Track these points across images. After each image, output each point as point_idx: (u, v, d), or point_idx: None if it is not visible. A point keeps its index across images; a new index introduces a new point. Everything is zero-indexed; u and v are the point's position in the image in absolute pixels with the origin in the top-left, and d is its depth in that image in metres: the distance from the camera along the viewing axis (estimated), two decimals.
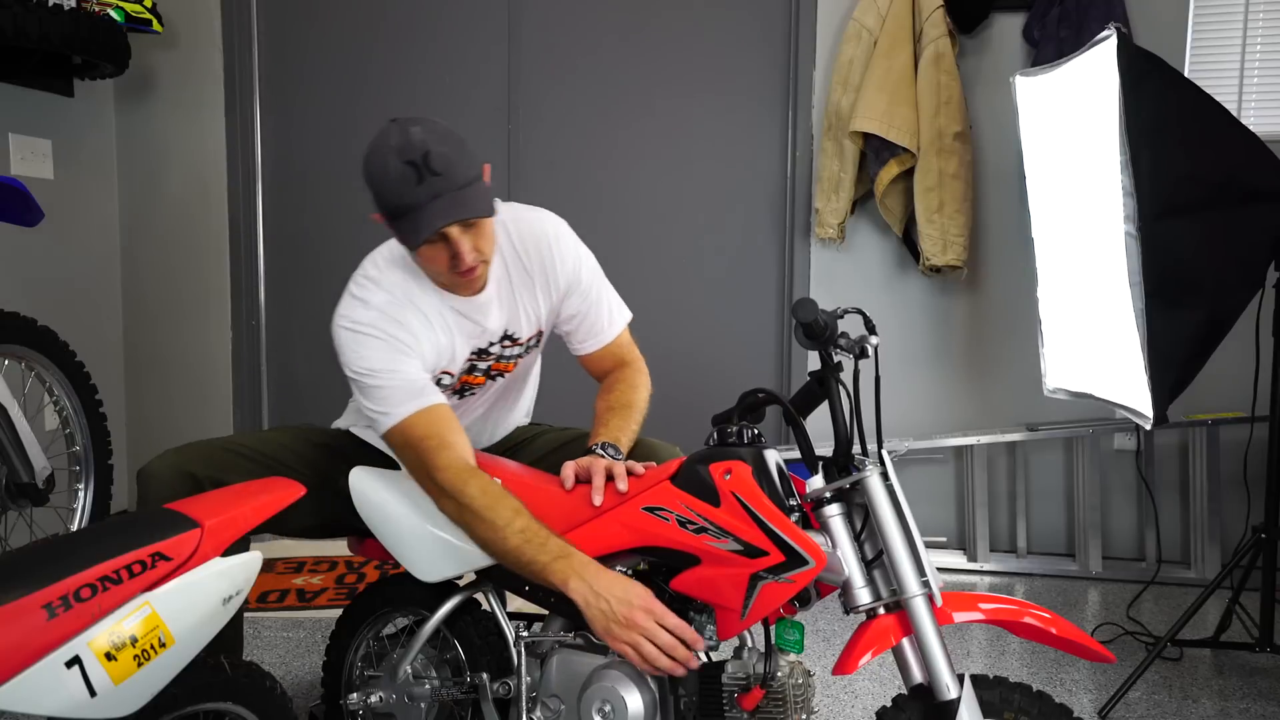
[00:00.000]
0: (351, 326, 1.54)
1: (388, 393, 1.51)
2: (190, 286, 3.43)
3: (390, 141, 1.44)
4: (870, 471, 1.36)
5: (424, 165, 1.42)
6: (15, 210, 2.09)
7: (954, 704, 1.29)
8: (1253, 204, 2.06)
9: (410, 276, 1.59)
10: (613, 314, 1.78)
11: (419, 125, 1.45)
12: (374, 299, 1.56)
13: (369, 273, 1.60)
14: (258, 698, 1.39)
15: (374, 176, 1.46)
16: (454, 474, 1.47)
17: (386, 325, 1.54)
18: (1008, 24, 3.09)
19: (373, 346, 1.53)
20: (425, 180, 1.42)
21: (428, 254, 1.50)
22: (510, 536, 1.41)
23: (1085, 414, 3.08)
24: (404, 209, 1.44)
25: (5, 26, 2.55)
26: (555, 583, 1.39)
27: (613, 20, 3.29)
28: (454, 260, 1.49)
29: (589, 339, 1.77)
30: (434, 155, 1.42)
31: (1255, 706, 2.19)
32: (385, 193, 1.45)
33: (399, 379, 1.51)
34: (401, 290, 1.58)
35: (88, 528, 1.63)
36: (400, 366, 1.52)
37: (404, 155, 1.42)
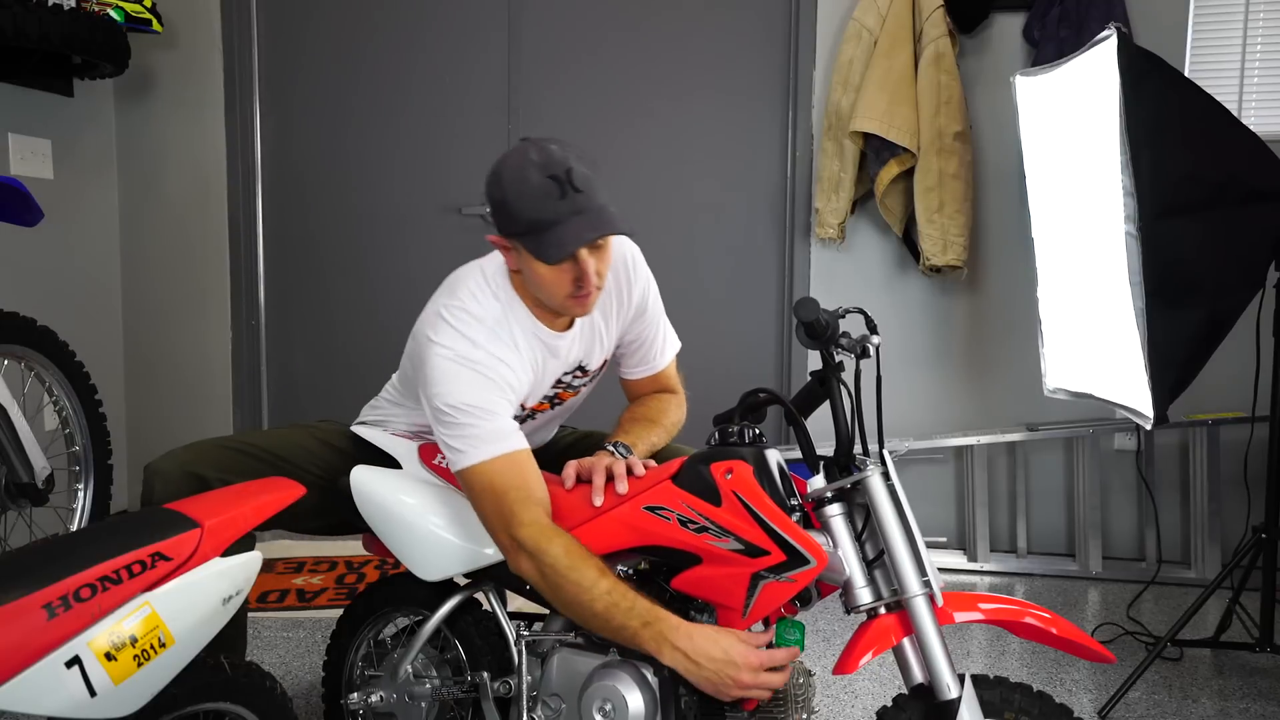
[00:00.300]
0: (453, 358, 1.46)
1: (475, 431, 1.44)
2: (190, 286, 3.43)
3: (530, 156, 1.41)
4: (871, 471, 1.36)
5: (567, 180, 1.39)
6: (15, 210, 2.09)
7: (955, 704, 1.29)
8: (1253, 204, 2.06)
9: (505, 307, 1.53)
10: (666, 341, 1.77)
11: (556, 144, 1.42)
12: (476, 333, 1.49)
13: (466, 304, 1.51)
14: (258, 698, 1.39)
15: (511, 190, 1.41)
16: (538, 531, 1.40)
17: (489, 362, 1.48)
18: (1008, 24, 3.09)
19: (471, 382, 1.45)
20: (568, 196, 1.39)
21: (551, 275, 1.44)
22: (597, 600, 1.35)
23: (1085, 414, 3.08)
24: (544, 224, 1.39)
25: (5, 26, 2.54)
26: (647, 650, 1.34)
27: (613, 20, 3.29)
28: (578, 282, 1.45)
29: (640, 365, 1.76)
30: (576, 172, 1.40)
31: (1255, 706, 2.19)
32: (524, 207, 1.40)
33: (490, 420, 1.45)
34: (501, 323, 1.52)
35: (88, 528, 1.63)
36: (494, 407, 1.46)
37: (546, 170, 1.39)
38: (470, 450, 1.44)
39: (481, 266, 1.58)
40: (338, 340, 3.46)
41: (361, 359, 3.45)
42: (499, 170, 1.44)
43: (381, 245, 3.42)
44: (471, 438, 1.44)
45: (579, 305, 1.50)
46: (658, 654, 1.33)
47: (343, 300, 3.45)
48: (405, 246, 3.41)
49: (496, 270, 1.57)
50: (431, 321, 1.51)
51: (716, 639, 1.32)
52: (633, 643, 1.35)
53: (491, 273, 1.56)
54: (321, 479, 1.66)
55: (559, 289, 1.47)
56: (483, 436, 1.44)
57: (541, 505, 1.43)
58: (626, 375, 1.79)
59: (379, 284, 3.43)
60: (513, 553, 1.43)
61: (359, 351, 3.45)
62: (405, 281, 3.41)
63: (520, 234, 1.43)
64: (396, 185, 3.40)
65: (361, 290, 3.44)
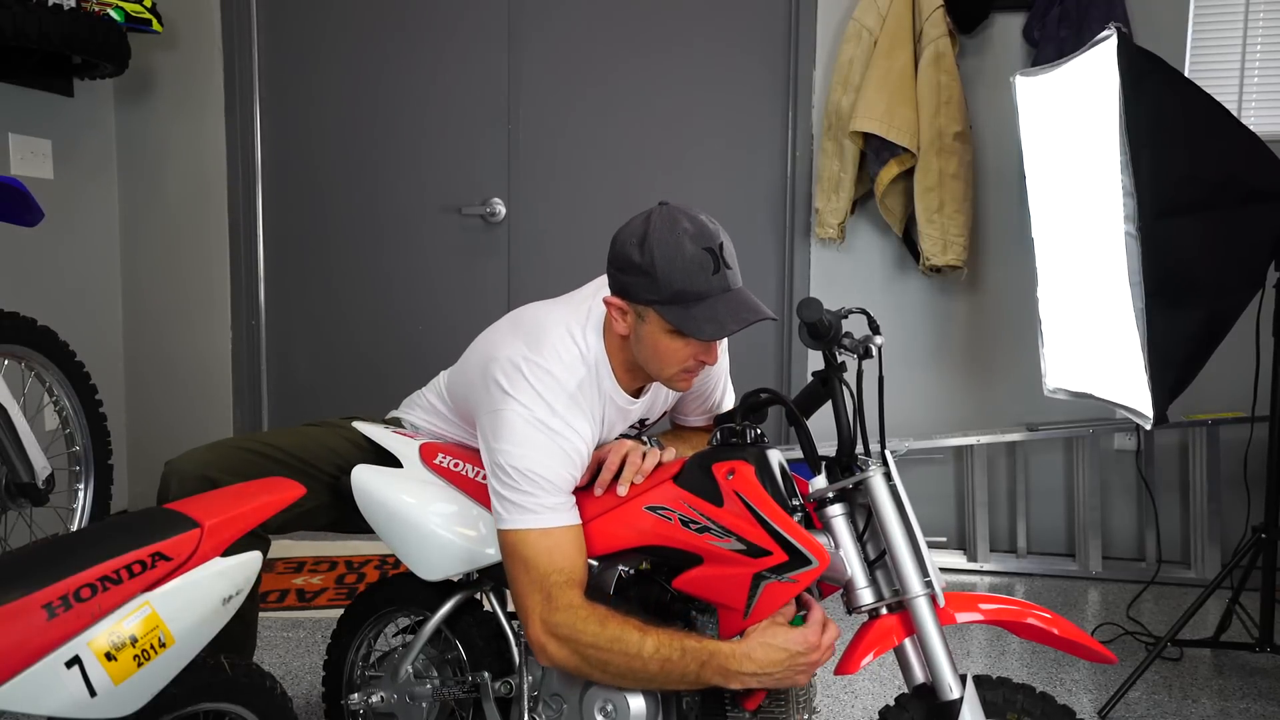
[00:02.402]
0: (530, 421, 1.41)
1: (533, 501, 1.40)
2: (190, 286, 3.43)
3: (683, 225, 1.38)
4: (873, 471, 1.36)
5: (720, 255, 1.37)
6: (15, 210, 2.09)
7: (956, 704, 1.29)
8: (1253, 204, 2.06)
9: (591, 373, 1.49)
10: (727, 392, 1.76)
11: (701, 214, 1.40)
12: (557, 400, 1.43)
13: (551, 365, 1.46)
14: (258, 698, 1.39)
15: (660, 259, 1.36)
16: (573, 615, 1.35)
17: (566, 433, 1.43)
18: (1008, 24, 3.09)
19: (543, 449, 1.41)
20: (720, 270, 1.37)
21: (675, 349, 1.41)
22: (650, 662, 1.32)
23: (1085, 414, 3.08)
24: (693, 296, 1.36)
25: (5, 26, 2.54)
26: (715, 684, 1.32)
27: (613, 20, 3.29)
28: (698, 360, 1.44)
29: (699, 414, 1.75)
30: (727, 248, 1.39)
31: (1255, 706, 2.19)
32: (674, 275, 1.36)
33: (552, 494, 1.41)
34: (583, 391, 1.47)
35: (88, 528, 1.62)
36: (559, 481, 1.41)
37: (701, 241, 1.37)
38: (522, 517, 1.40)
39: (570, 320, 1.52)
40: (338, 340, 3.46)
41: (361, 359, 3.45)
42: (643, 232, 1.39)
43: (381, 245, 3.42)
44: (528, 505, 1.40)
45: (685, 381, 1.49)
46: (727, 684, 1.32)
47: (343, 300, 3.45)
48: (405, 246, 3.40)
49: (586, 328, 1.51)
50: (509, 373, 1.44)
51: (771, 643, 1.31)
52: (697, 685, 1.34)
53: (581, 331, 1.50)
54: (340, 479, 1.65)
55: (675, 364, 1.44)
56: (540, 506, 1.40)
57: (580, 586, 1.39)
58: (685, 422, 1.77)
59: (379, 284, 3.43)
60: (544, 639, 1.37)
61: (359, 351, 3.45)
62: (405, 281, 3.41)
63: (661, 302, 1.38)
64: (396, 185, 3.40)
65: (361, 290, 3.44)
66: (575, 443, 1.44)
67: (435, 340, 3.40)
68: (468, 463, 1.61)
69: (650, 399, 1.62)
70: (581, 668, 1.37)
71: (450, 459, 1.62)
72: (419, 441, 1.68)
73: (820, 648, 1.33)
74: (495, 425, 1.44)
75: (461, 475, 1.60)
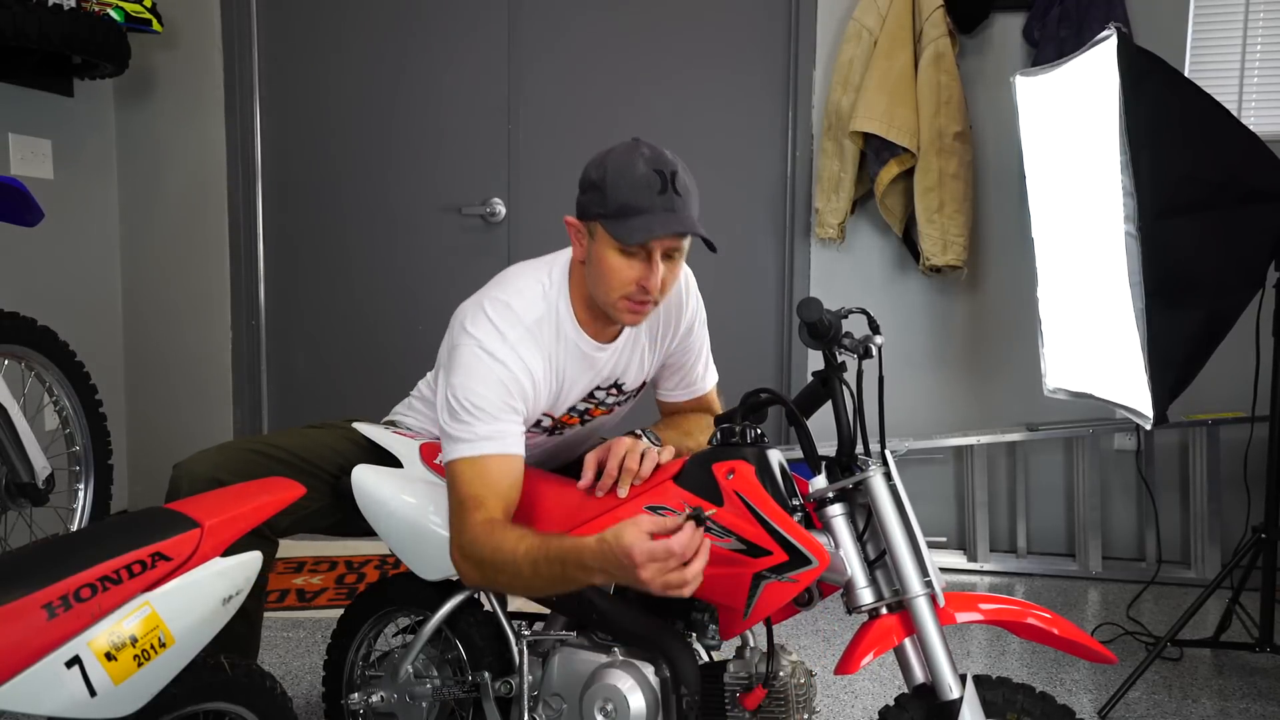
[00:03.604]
0: (479, 351, 1.46)
1: (466, 428, 1.44)
2: (190, 286, 3.43)
3: (641, 150, 1.43)
4: (873, 471, 1.36)
5: (670, 180, 1.41)
6: (15, 210, 2.09)
7: (956, 704, 1.29)
8: (1253, 204, 2.06)
9: (551, 309, 1.53)
10: (708, 368, 1.77)
11: (668, 151, 1.45)
12: (511, 333, 1.48)
13: (511, 299, 1.51)
14: (258, 698, 1.39)
15: (612, 173, 1.42)
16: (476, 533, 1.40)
17: (514, 364, 1.46)
18: (1008, 24, 3.09)
19: (486, 381, 1.45)
20: (666, 192, 1.41)
21: (618, 267, 1.44)
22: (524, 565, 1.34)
23: (1085, 414, 3.08)
24: (634, 209, 1.40)
25: (5, 26, 2.54)
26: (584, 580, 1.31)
27: (613, 20, 3.29)
28: (642, 285, 1.45)
29: (678, 389, 1.75)
30: (680, 177, 1.43)
31: (1255, 706, 2.19)
32: (619, 189, 1.41)
33: (485, 420, 1.44)
34: (541, 325, 1.51)
35: (88, 528, 1.63)
36: (493, 408, 1.45)
37: (654, 165, 1.42)
38: (456, 448, 1.45)
39: (537, 266, 1.58)
40: (338, 340, 3.46)
41: (361, 359, 3.45)
42: (604, 155, 1.45)
43: (381, 245, 3.42)
44: (463, 435, 1.44)
45: (632, 312, 1.49)
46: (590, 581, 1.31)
47: (343, 300, 3.45)
48: (405, 246, 3.40)
49: (553, 272, 1.56)
50: (472, 312, 1.51)
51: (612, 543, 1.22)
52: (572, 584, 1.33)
53: (547, 272, 1.56)
54: (343, 480, 1.65)
55: (619, 286, 1.46)
56: (474, 435, 1.44)
57: (498, 510, 1.41)
58: (667, 397, 1.77)
59: (379, 284, 3.43)
60: (458, 561, 1.44)
61: (359, 351, 3.45)
62: (405, 281, 3.41)
63: (606, 216, 1.43)
64: (396, 185, 3.40)
65: (361, 290, 3.44)
66: (519, 374, 1.47)
67: (435, 340, 3.36)
68: None
69: (625, 355, 1.62)
70: (484, 583, 1.45)
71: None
72: (419, 442, 1.69)
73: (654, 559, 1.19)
74: (450, 362, 1.49)
75: None
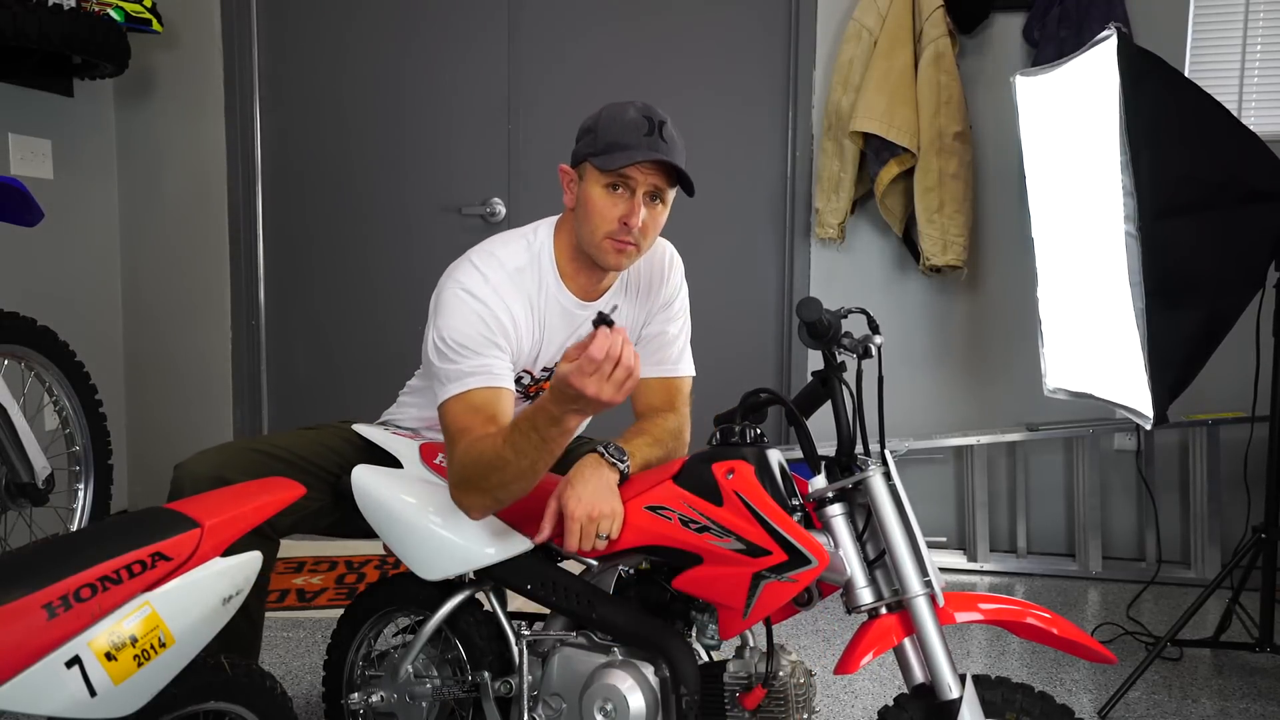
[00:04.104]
0: (461, 293, 1.51)
1: (452, 367, 1.48)
2: (190, 286, 3.43)
3: (636, 103, 1.52)
4: (873, 471, 1.36)
5: (658, 126, 1.49)
6: (15, 210, 2.09)
7: (956, 704, 1.29)
8: (1253, 204, 2.06)
9: (533, 260, 1.59)
10: (684, 354, 1.77)
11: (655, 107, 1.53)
12: (493, 276, 1.54)
13: (495, 249, 1.58)
14: (258, 698, 1.39)
15: (604, 117, 1.51)
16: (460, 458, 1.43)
17: (495, 307, 1.52)
18: (1008, 24, 3.09)
19: (470, 322, 1.50)
20: (653, 135, 1.48)
21: (603, 203, 1.50)
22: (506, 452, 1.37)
23: (1085, 414, 3.08)
24: (620, 146, 1.47)
25: (5, 26, 2.54)
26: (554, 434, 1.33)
27: (613, 20, 3.29)
28: (623, 222, 1.50)
29: (653, 364, 1.73)
30: (668, 127, 1.51)
31: (1255, 706, 2.19)
32: (609, 129, 1.49)
33: (468, 356, 1.48)
34: (523, 273, 1.57)
35: (88, 528, 1.63)
36: (474, 344, 1.49)
37: (645, 112, 1.50)
38: (449, 387, 1.48)
39: (524, 228, 1.64)
40: (338, 340, 3.46)
41: (361, 359, 3.45)
42: (601, 110, 1.53)
43: (381, 245, 3.42)
44: (450, 375, 1.48)
45: (616, 251, 1.53)
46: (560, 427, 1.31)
47: (343, 300, 3.45)
48: (405, 246, 3.40)
49: (538, 230, 1.63)
50: (457, 263, 1.56)
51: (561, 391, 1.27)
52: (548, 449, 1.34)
53: (531, 230, 1.63)
54: (342, 480, 1.66)
55: (604, 223, 1.51)
56: (460, 373, 1.48)
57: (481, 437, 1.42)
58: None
59: (379, 284, 3.43)
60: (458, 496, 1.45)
61: (359, 351, 3.45)
62: (405, 281, 3.41)
63: (595, 153, 1.49)
64: (396, 185, 3.40)
65: (361, 290, 3.44)
66: (499, 313, 1.51)
67: None
68: None
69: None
70: (487, 501, 1.43)
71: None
72: (419, 442, 1.69)
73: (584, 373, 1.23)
74: (434, 306, 1.53)
75: None
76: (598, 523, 1.40)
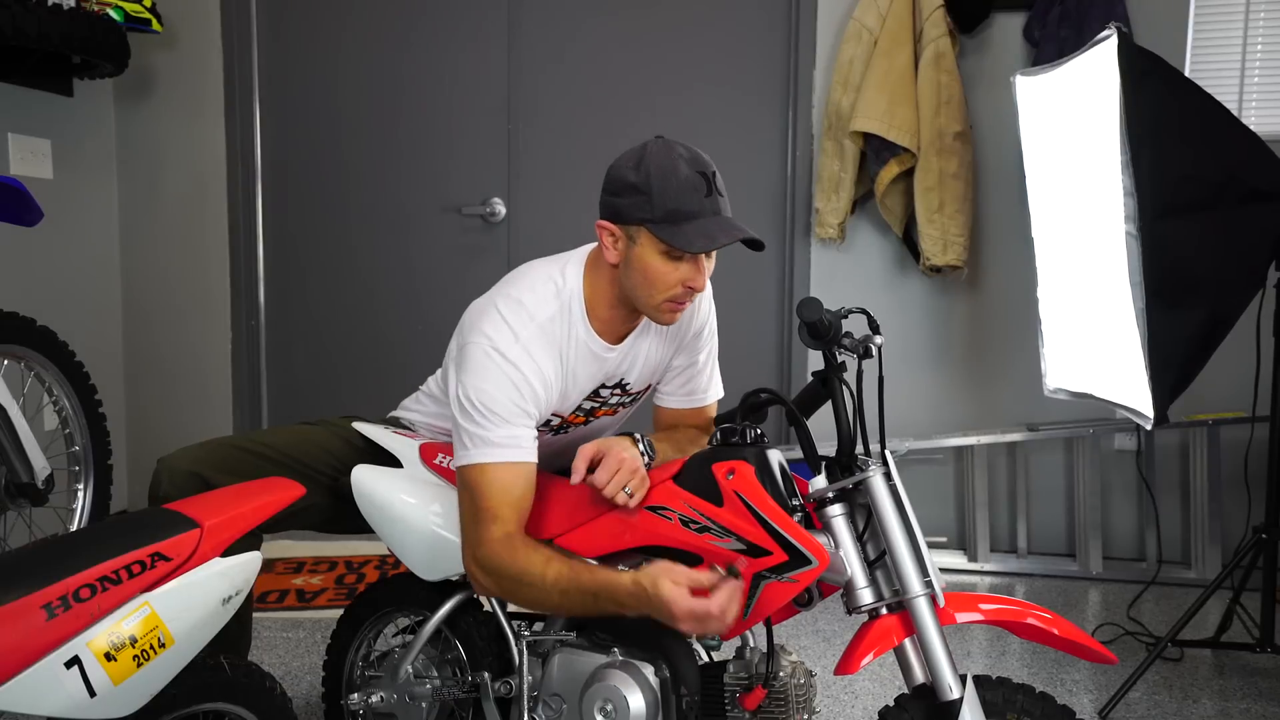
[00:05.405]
0: (491, 351, 1.45)
1: (480, 430, 1.43)
2: (190, 286, 3.42)
3: (677, 150, 1.44)
4: (873, 471, 1.36)
5: (712, 181, 1.44)
6: (15, 210, 2.09)
7: (956, 704, 1.29)
8: (1253, 204, 2.06)
9: (563, 309, 1.51)
10: (713, 381, 1.75)
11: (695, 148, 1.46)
12: (524, 332, 1.47)
13: (524, 297, 1.50)
14: (258, 698, 1.39)
15: (656, 176, 1.42)
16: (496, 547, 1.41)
17: (527, 370, 1.45)
18: (1008, 23, 3.09)
19: (499, 384, 1.44)
20: (711, 194, 1.43)
21: (664, 269, 1.44)
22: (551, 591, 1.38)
23: (1086, 414, 3.08)
24: (685, 215, 1.41)
25: (4, 26, 2.54)
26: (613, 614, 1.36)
27: (613, 20, 3.28)
28: (687, 285, 1.45)
29: (678, 394, 1.72)
30: (719, 178, 1.45)
31: (1256, 707, 2.19)
32: (667, 194, 1.41)
33: (497, 424, 1.43)
34: (553, 323, 1.50)
35: (87, 528, 1.62)
36: (506, 411, 1.43)
37: (695, 166, 1.43)
38: (471, 451, 1.44)
39: (549, 264, 1.57)
40: (338, 340, 3.46)
41: (361, 359, 3.44)
42: (639, 157, 1.45)
43: (381, 245, 3.42)
44: (476, 438, 1.44)
45: (671, 312, 1.49)
46: (622, 614, 1.35)
47: (343, 300, 3.45)
48: (405, 246, 3.40)
49: (566, 270, 1.54)
50: (484, 309, 1.50)
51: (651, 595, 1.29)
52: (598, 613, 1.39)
53: (560, 271, 1.54)
54: (336, 479, 1.65)
55: (663, 289, 1.46)
56: (486, 440, 1.43)
57: (508, 521, 1.42)
58: (666, 403, 1.74)
59: (379, 284, 3.43)
60: (472, 569, 1.46)
61: (359, 351, 3.45)
62: (405, 281, 3.41)
63: (654, 221, 1.42)
64: (396, 185, 3.39)
65: (361, 290, 3.44)
66: (531, 377, 1.46)
67: (435, 340, 3.38)
68: None
69: (630, 354, 1.60)
70: (502, 595, 1.47)
71: (450, 459, 1.62)
72: (419, 441, 1.68)
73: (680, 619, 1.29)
74: (460, 359, 1.48)
75: None
76: (630, 474, 1.41)
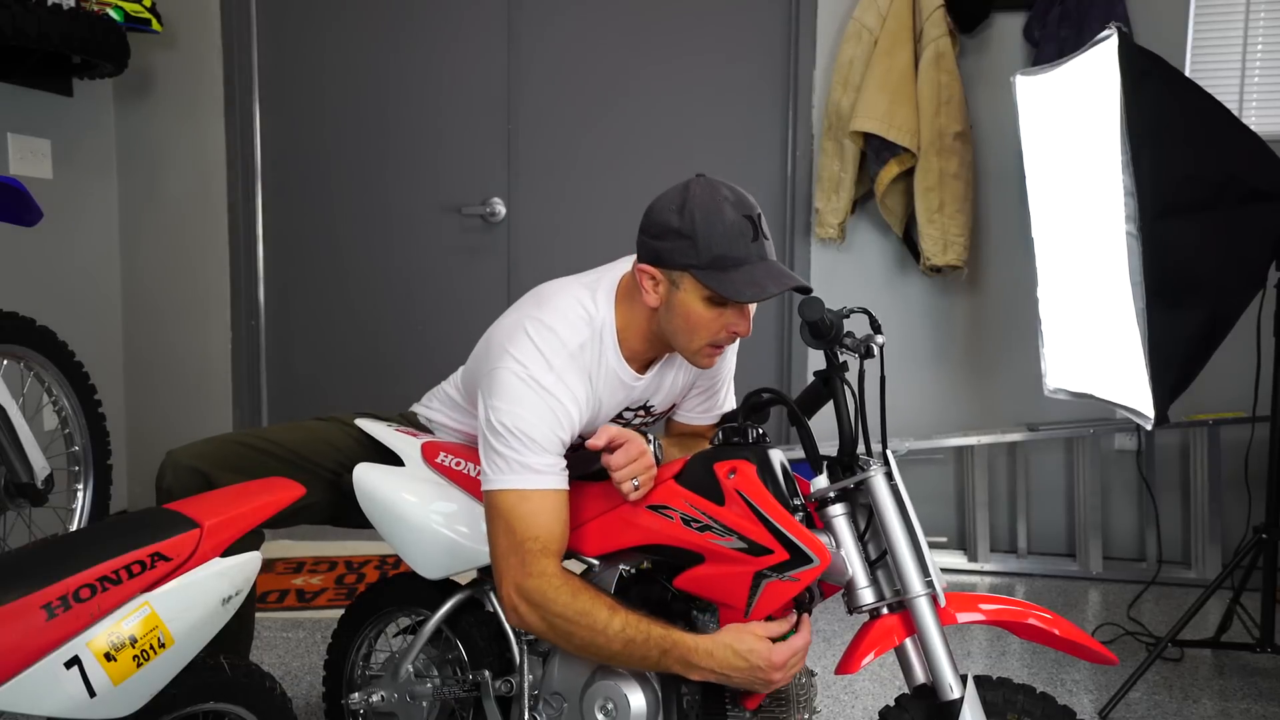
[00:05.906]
0: (524, 378, 1.41)
1: (518, 459, 1.40)
2: (190, 286, 3.42)
3: (723, 193, 1.40)
4: (875, 471, 1.36)
5: (758, 224, 1.40)
6: (14, 210, 2.09)
7: (956, 704, 1.29)
8: (1254, 204, 2.06)
9: (595, 337, 1.49)
10: (728, 397, 1.75)
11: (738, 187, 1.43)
12: (556, 360, 1.44)
13: (554, 323, 1.46)
14: (258, 698, 1.39)
15: (701, 221, 1.37)
16: (545, 583, 1.36)
17: (558, 391, 1.42)
18: (1008, 23, 3.09)
19: (533, 409, 1.41)
20: (758, 240, 1.40)
21: (708, 316, 1.41)
22: (613, 640, 1.34)
23: (1086, 414, 3.08)
24: (732, 261, 1.37)
25: (4, 26, 2.54)
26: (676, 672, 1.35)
27: (613, 20, 3.28)
28: (733, 331, 1.44)
29: (700, 412, 1.72)
30: (764, 219, 1.42)
31: (1256, 707, 2.18)
32: (713, 239, 1.37)
33: (536, 451, 1.40)
34: (584, 354, 1.47)
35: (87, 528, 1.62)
36: (547, 443, 1.41)
37: (741, 209, 1.40)
38: (507, 475, 1.40)
39: (578, 287, 1.53)
40: (338, 340, 3.46)
41: (361, 359, 3.44)
42: (685, 200, 1.40)
43: (381, 245, 3.41)
44: (513, 462, 1.40)
45: (710, 356, 1.48)
46: (687, 675, 1.35)
47: (343, 300, 3.45)
48: (405, 246, 3.40)
49: (597, 294, 1.51)
50: (512, 332, 1.46)
51: (737, 649, 1.32)
52: (657, 669, 1.37)
53: (591, 296, 1.51)
54: (341, 475, 1.65)
55: (706, 334, 1.43)
56: (525, 465, 1.40)
57: (558, 555, 1.40)
58: (683, 419, 1.73)
59: (378, 284, 3.43)
60: (516, 601, 1.39)
61: (359, 351, 3.45)
62: (405, 281, 3.41)
63: (700, 267, 1.38)
64: (396, 185, 3.39)
65: (361, 290, 3.44)
66: (566, 404, 1.43)
67: (435, 340, 3.40)
68: (470, 461, 1.61)
69: (656, 380, 1.60)
70: (547, 634, 1.39)
71: (452, 458, 1.62)
72: (420, 440, 1.68)
73: (778, 667, 1.32)
74: (491, 383, 1.44)
75: (463, 474, 1.60)
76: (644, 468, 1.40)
